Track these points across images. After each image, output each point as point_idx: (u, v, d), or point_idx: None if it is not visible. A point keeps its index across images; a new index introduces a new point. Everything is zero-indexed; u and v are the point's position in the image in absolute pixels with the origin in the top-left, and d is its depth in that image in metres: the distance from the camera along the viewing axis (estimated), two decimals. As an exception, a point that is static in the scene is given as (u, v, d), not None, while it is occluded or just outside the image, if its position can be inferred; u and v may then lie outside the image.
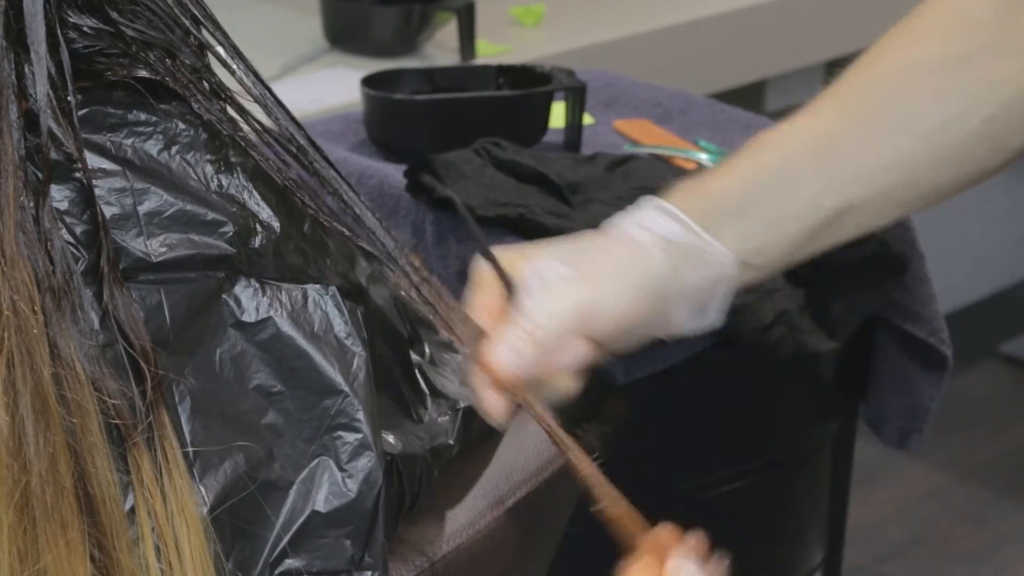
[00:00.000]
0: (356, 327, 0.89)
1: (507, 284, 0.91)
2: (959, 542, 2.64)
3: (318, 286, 0.89)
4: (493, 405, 0.91)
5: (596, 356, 0.92)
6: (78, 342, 0.80)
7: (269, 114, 0.90)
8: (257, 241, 0.88)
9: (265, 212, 0.89)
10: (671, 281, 0.90)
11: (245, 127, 0.90)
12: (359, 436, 0.87)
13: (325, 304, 0.89)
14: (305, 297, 0.89)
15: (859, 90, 0.96)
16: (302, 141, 0.91)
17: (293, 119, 0.91)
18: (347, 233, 0.90)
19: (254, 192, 0.89)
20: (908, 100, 0.95)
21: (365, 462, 0.87)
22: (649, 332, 0.94)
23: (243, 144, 0.89)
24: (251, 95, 0.90)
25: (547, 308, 0.89)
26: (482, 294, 0.91)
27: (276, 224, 0.89)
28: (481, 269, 0.92)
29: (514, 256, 0.93)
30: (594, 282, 0.90)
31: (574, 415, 0.92)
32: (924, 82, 0.96)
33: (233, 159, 0.89)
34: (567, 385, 0.92)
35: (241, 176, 0.89)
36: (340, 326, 0.89)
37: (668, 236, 0.90)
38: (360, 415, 0.88)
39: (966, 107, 0.95)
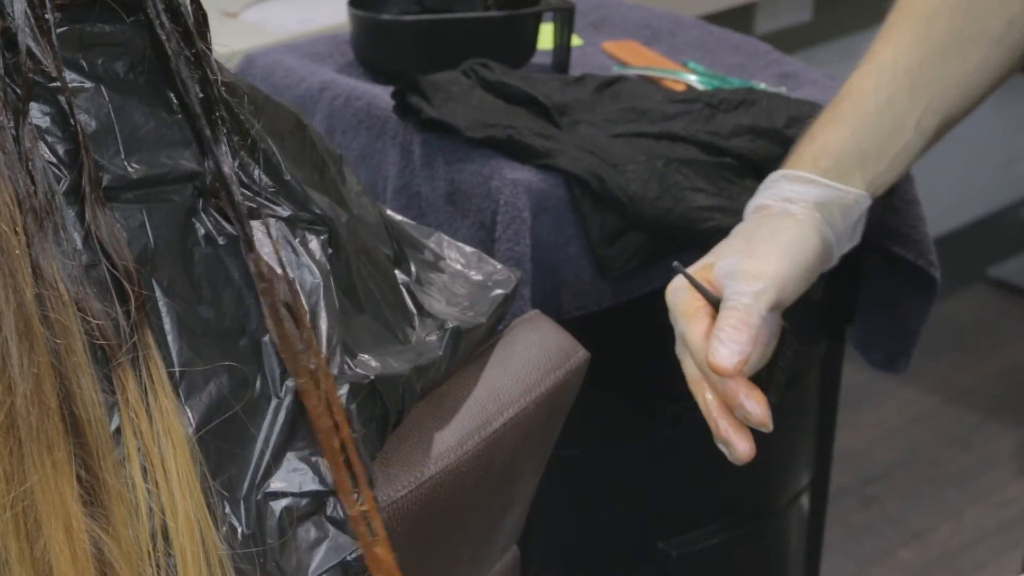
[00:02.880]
0: (310, 254, 0.89)
1: (710, 299, 0.98)
2: (946, 465, 2.66)
3: (286, 212, 0.89)
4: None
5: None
6: (61, 262, 0.80)
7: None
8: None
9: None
10: (831, 233, 1.03)
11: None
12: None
13: (293, 230, 0.90)
14: (273, 222, 0.89)
15: (931, 12, 1.06)
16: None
17: None
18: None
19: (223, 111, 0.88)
20: (977, 10, 1.06)
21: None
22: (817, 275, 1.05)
23: (192, 62, 0.88)
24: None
25: (751, 294, 0.97)
26: (694, 320, 0.99)
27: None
28: (677, 296, 1.01)
29: (698, 269, 1.01)
30: (778, 257, 0.99)
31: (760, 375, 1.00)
32: None
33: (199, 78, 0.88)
34: (764, 356, 1.01)
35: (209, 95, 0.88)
36: (300, 251, 0.89)
37: (816, 200, 1.02)
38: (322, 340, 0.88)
39: None
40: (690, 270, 1.01)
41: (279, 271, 0.88)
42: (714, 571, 1.77)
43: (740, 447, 0.99)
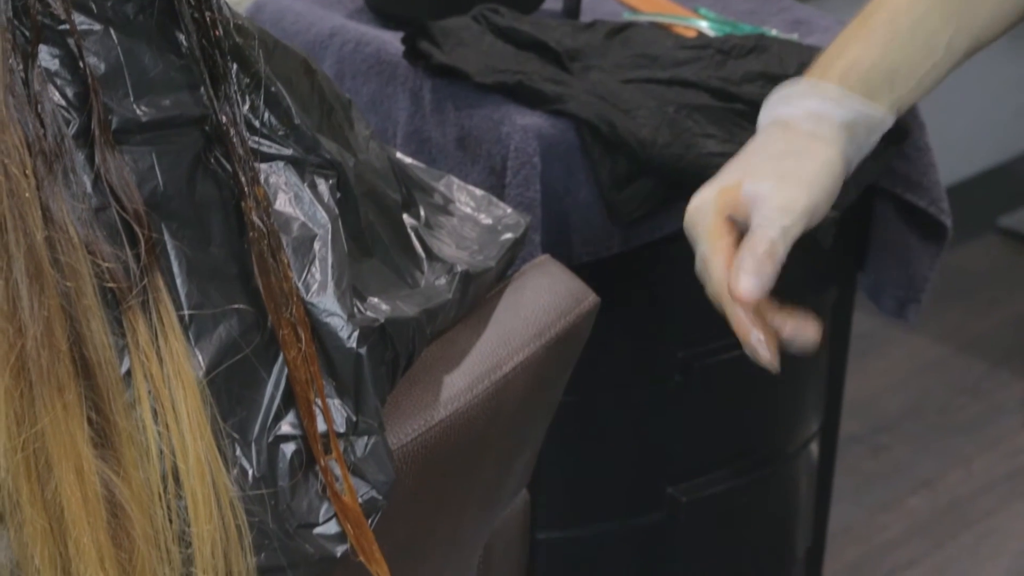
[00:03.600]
0: (318, 198, 0.89)
1: (734, 223, 0.98)
2: (955, 413, 2.66)
3: (295, 156, 0.89)
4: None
5: None
6: (70, 205, 0.80)
7: None
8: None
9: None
10: (856, 152, 1.02)
11: None
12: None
13: (302, 173, 0.89)
14: (284, 166, 0.89)
15: None
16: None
17: None
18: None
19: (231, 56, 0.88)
20: None
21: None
22: None
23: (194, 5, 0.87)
24: None
25: (781, 228, 0.97)
26: (718, 240, 0.98)
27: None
28: (699, 215, 0.99)
29: (724, 188, 0.99)
30: (809, 187, 0.98)
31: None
32: None
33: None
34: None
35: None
36: (308, 195, 0.89)
37: (844, 120, 1.01)
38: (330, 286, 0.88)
39: None
40: (716, 184, 0.99)
41: (291, 213, 0.88)
42: (723, 517, 1.77)
43: (764, 355, 0.98)
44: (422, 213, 1.01)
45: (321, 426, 0.87)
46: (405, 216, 0.99)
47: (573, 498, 1.70)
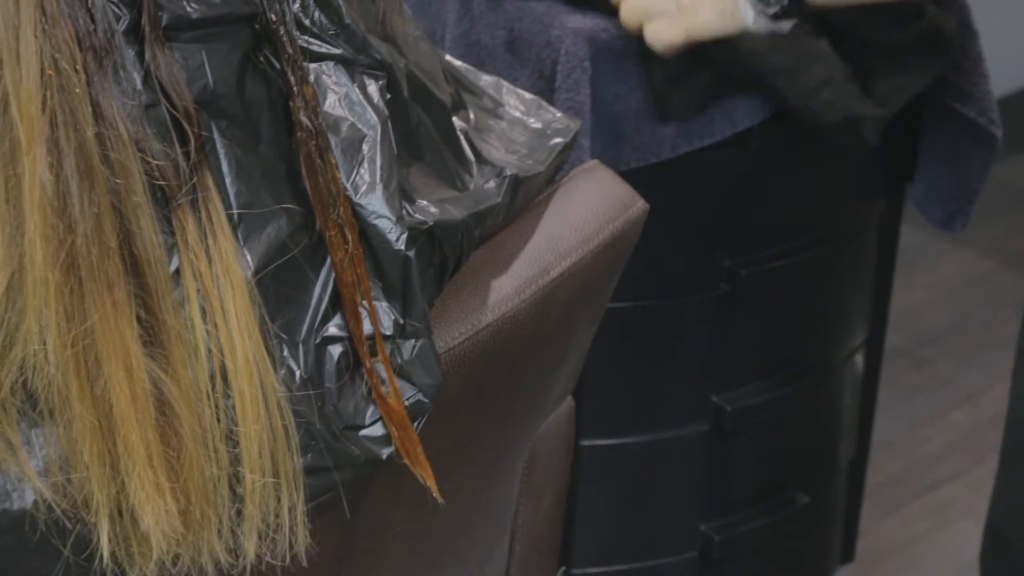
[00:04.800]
0: (368, 99, 0.88)
1: None
2: (999, 327, 2.64)
3: (345, 56, 0.88)
4: None
5: None
6: (120, 102, 0.79)
7: None
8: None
9: None
10: None
11: None
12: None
13: (352, 74, 0.89)
14: (333, 66, 0.88)
15: None
16: None
17: None
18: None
19: None
20: None
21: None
22: None
23: None
24: None
25: None
26: None
27: None
28: None
29: None
30: None
31: None
32: None
33: None
34: None
35: None
36: (358, 96, 0.88)
37: None
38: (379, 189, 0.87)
39: None
40: None
41: (341, 114, 0.87)
42: (768, 427, 1.77)
43: None
44: (471, 116, 1.00)
45: (368, 328, 0.87)
46: (455, 119, 0.98)
47: (618, 406, 1.70)
